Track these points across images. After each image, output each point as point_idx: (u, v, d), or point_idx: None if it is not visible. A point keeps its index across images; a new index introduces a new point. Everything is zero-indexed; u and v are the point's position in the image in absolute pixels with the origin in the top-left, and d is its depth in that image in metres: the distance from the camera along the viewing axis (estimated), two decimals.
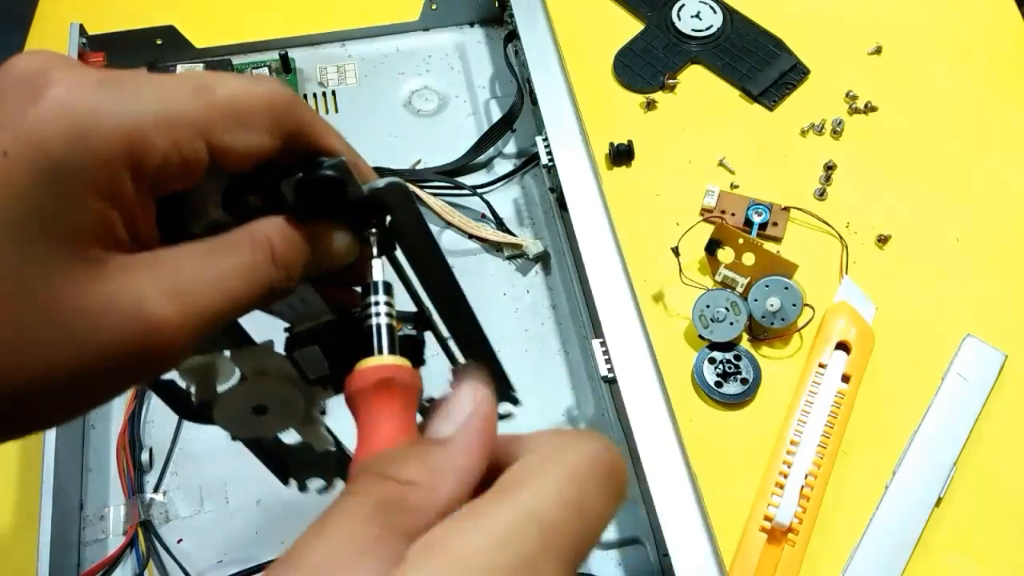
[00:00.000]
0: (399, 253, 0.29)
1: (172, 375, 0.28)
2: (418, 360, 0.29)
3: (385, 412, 0.25)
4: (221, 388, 0.28)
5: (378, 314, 0.27)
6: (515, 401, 0.33)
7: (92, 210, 0.19)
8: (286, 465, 0.33)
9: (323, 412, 0.31)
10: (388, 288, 0.28)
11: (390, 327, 0.28)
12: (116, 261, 0.20)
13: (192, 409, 0.29)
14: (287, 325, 0.28)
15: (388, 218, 0.27)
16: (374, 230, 0.27)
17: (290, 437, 0.32)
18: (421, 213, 0.28)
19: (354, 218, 0.26)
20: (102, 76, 0.20)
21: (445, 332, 0.31)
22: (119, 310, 0.19)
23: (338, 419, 0.30)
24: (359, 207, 0.26)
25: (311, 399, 0.29)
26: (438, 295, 0.31)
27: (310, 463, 0.33)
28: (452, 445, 0.20)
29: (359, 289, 0.27)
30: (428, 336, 0.30)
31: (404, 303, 0.29)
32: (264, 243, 0.23)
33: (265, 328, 0.28)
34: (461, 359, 0.32)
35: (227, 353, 0.28)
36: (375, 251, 0.27)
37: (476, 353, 0.32)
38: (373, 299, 0.27)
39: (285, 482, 0.33)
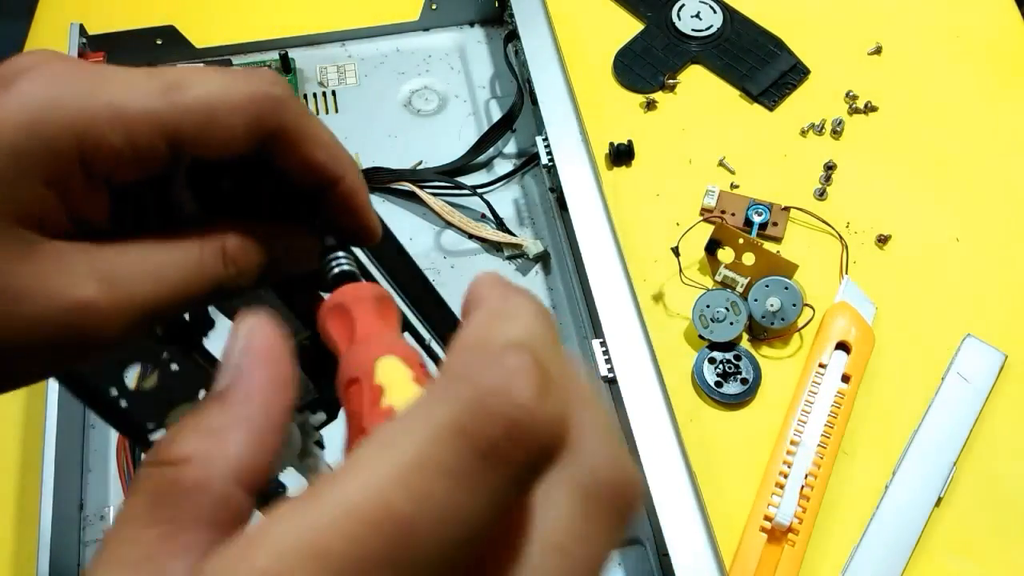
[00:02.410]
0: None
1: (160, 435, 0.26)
2: None
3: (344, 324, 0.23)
4: None
5: (339, 263, 0.26)
6: None
7: (34, 196, 0.20)
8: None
9: (321, 444, 0.28)
10: (346, 247, 0.26)
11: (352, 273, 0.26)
12: (52, 246, 0.20)
13: None
14: None
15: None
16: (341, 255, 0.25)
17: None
18: (394, 237, 0.27)
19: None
20: (75, 70, 0.20)
21: (423, 333, 0.30)
22: (46, 291, 0.20)
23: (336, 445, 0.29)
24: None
25: (306, 429, 0.27)
26: (410, 291, 0.30)
27: None
28: (228, 397, 0.17)
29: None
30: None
31: None
32: (215, 242, 0.22)
33: None
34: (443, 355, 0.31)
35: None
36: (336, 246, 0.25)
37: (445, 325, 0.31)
38: (332, 256, 0.25)
39: None
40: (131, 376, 0.25)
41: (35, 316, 0.20)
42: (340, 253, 0.25)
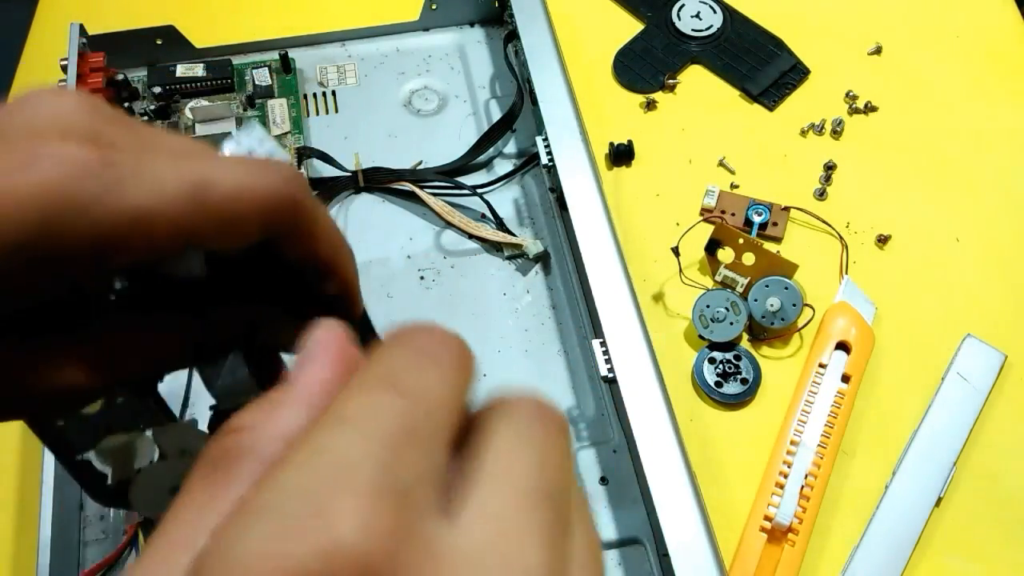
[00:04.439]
0: None
1: (90, 456, 0.25)
2: None
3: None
4: (139, 467, 0.25)
5: None
6: None
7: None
8: None
9: None
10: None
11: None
12: None
13: (107, 491, 0.26)
14: (212, 403, 0.25)
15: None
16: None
17: None
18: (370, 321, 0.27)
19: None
20: (100, 156, 0.18)
21: None
22: None
23: None
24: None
25: None
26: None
27: None
28: (292, 377, 0.18)
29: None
30: None
31: None
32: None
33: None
34: None
35: (148, 432, 0.26)
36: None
37: None
38: None
39: None
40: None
41: None
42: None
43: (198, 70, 0.62)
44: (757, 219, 0.58)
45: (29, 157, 0.17)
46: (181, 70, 0.62)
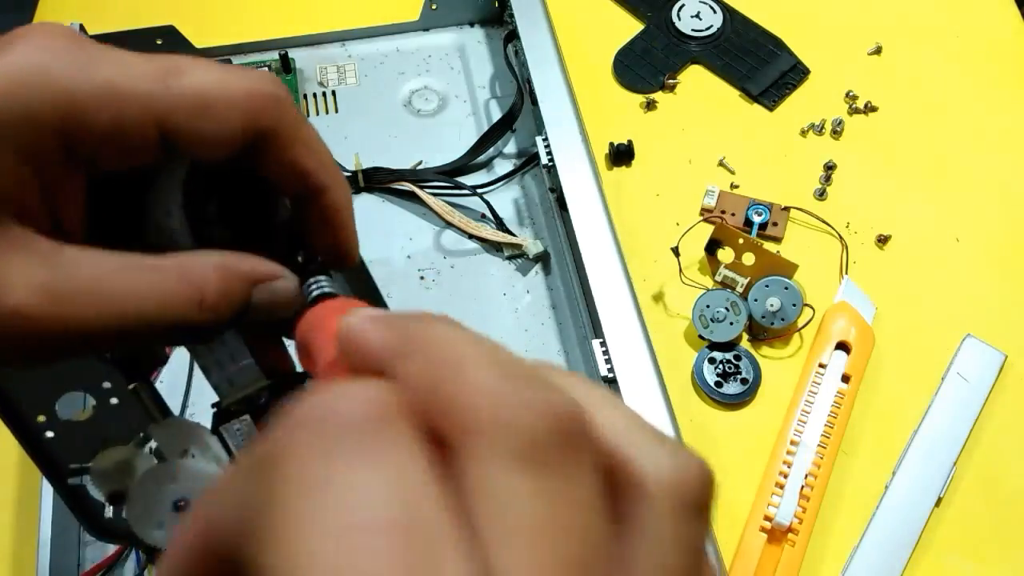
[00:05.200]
0: None
1: (86, 481, 0.23)
2: None
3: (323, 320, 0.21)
4: (137, 481, 0.23)
5: (320, 286, 0.24)
6: None
7: (5, 167, 0.18)
8: None
9: None
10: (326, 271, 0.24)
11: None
12: (12, 230, 0.19)
13: (102, 523, 0.24)
14: (215, 400, 0.24)
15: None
16: (323, 284, 0.23)
17: None
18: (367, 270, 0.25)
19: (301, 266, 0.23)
20: (72, 43, 0.19)
21: None
22: None
23: None
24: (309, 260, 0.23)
25: None
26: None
27: None
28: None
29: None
30: None
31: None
32: (193, 280, 0.20)
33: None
34: None
35: (144, 449, 0.24)
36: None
37: None
38: (313, 280, 0.24)
39: None
40: (65, 404, 0.22)
41: None
42: (321, 277, 0.23)
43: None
44: (757, 219, 0.58)
45: (11, 43, 0.19)
46: None
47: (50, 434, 0.22)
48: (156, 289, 0.19)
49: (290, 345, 0.25)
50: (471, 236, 0.57)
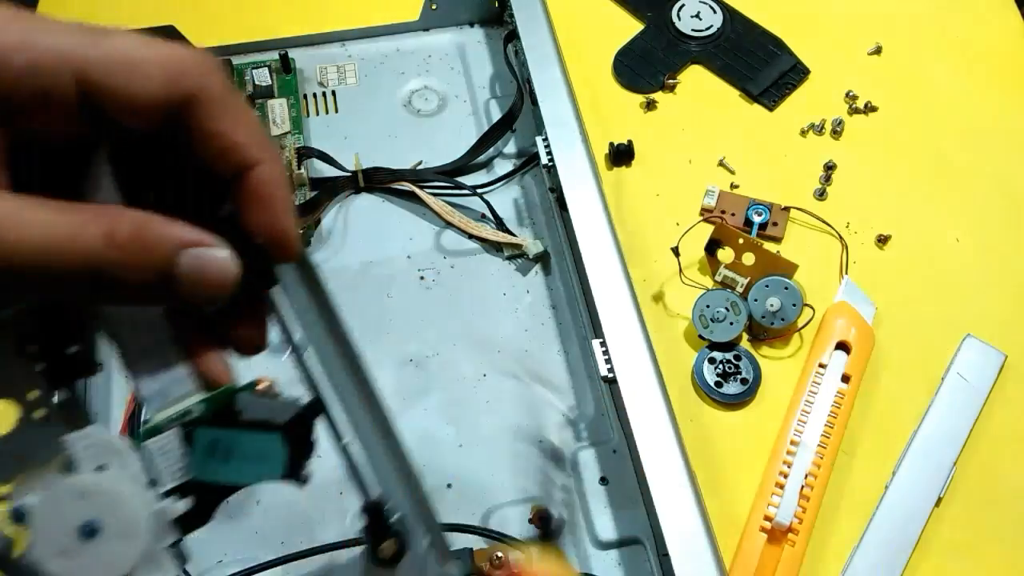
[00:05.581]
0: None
1: None
2: (308, 449, 0.23)
3: None
4: (39, 499, 0.20)
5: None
6: None
7: None
8: None
9: (177, 550, 0.22)
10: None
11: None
12: None
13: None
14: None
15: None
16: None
17: None
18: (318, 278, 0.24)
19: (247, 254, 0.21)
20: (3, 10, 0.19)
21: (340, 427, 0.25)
22: None
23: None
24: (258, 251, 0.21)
25: (161, 521, 0.21)
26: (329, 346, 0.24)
27: None
28: None
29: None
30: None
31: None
32: (108, 218, 0.19)
33: None
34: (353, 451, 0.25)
35: (47, 465, 0.21)
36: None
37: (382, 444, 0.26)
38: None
39: None
40: None
41: None
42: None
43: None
44: (757, 219, 0.58)
45: None
46: None
47: None
48: (66, 218, 0.19)
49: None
50: (471, 236, 0.57)
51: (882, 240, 0.58)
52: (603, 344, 0.47)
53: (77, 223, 0.19)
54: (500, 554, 0.43)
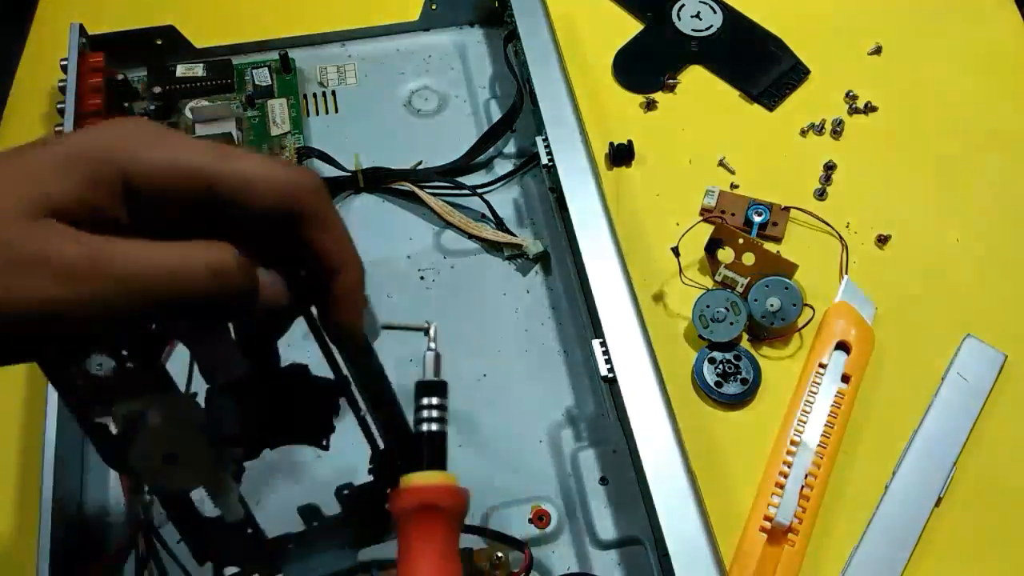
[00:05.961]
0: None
1: (107, 420, 0.28)
2: (329, 425, 0.30)
3: (426, 537, 0.27)
4: (142, 432, 0.28)
5: (430, 419, 0.29)
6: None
7: (68, 190, 0.23)
8: (203, 542, 0.32)
9: (237, 480, 0.30)
10: (442, 389, 0.30)
11: (441, 436, 0.30)
12: (59, 225, 0.23)
13: (114, 455, 0.29)
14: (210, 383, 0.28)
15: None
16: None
17: (210, 511, 0.31)
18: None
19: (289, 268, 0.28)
20: (144, 125, 0.25)
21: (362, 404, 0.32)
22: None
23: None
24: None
25: (220, 458, 0.29)
26: (359, 369, 0.31)
27: (229, 545, 0.32)
28: None
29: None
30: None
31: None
32: (211, 251, 0.24)
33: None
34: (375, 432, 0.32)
35: (150, 401, 0.28)
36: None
37: (393, 431, 0.32)
38: (425, 400, 0.29)
39: (201, 562, 0.32)
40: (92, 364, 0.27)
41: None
42: (435, 401, 0.29)
43: (198, 70, 0.62)
44: (757, 219, 0.58)
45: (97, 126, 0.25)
46: (181, 70, 0.62)
47: (79, 382, 0.27)
48: (179, 250, 0.24)
49: None
50: (471, 236, 0.57)
51: (882, 240, 0.58)
52: (603, 344, 0.47)
53: (186, 253, 0.24)
54: (500, 554, 0.43)
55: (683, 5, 0.70)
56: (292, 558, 0.35)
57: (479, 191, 0.58)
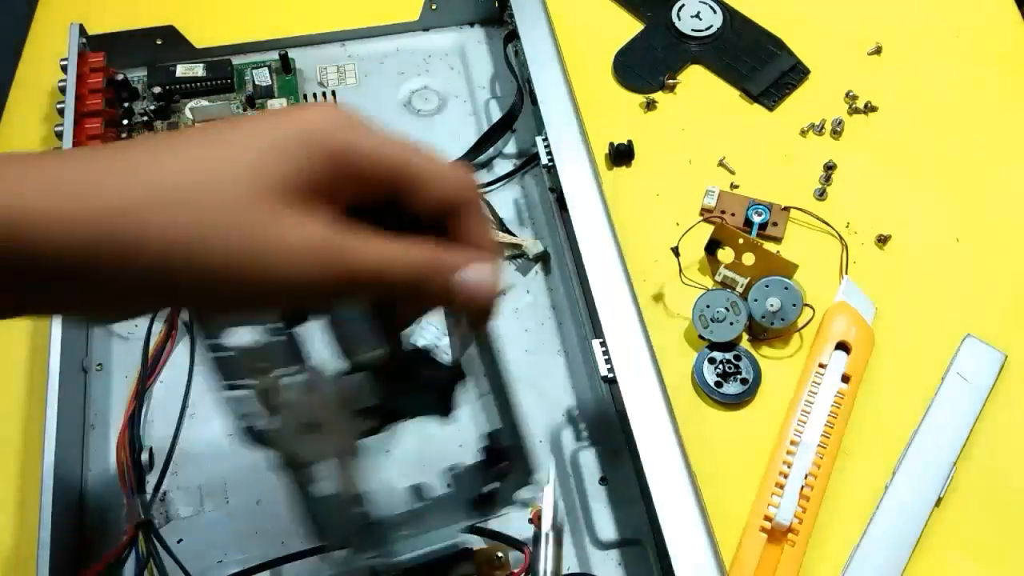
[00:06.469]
0: None
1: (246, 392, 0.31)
2: (448, 404, 0.33)
3: None
4: (283, 402, 0.30)
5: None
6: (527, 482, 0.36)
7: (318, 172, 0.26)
8: (323, 523, 0.34)
9: (357, 447, 0.32)
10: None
11: None
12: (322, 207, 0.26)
13: (253, 431, 0.31)
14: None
15: None
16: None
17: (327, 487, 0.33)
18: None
19: None
20: (350, 116, 0.28)
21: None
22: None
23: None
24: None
25: (353, 429, 0.32)
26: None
27: (346, 526, 0.34)
28: None
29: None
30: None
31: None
32: (423, 245, 0.28)
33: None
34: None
35: (288, 372, 0.30)
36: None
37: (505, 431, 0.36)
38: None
39: (321, 540, 0.33)
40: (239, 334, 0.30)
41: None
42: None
43: (198, 70, 0.62)
44: (757, 219, 0.58)
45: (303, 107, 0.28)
46: (181, 70, 0.62)
47: (225, 353, 0.29)
48: (400, 245, 0.27)
49: None
50: None
51: (882, 240, 0.58)
52: (603, 344, 0.47)
53: (407, 248, 0.27)
54: (500, 554, 0.43)
55: (683, 5, 0.70)
56: (400, 537, 0.36)
57: (479, 191, 0.58)
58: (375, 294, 0.28)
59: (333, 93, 0.64)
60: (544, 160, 0.55)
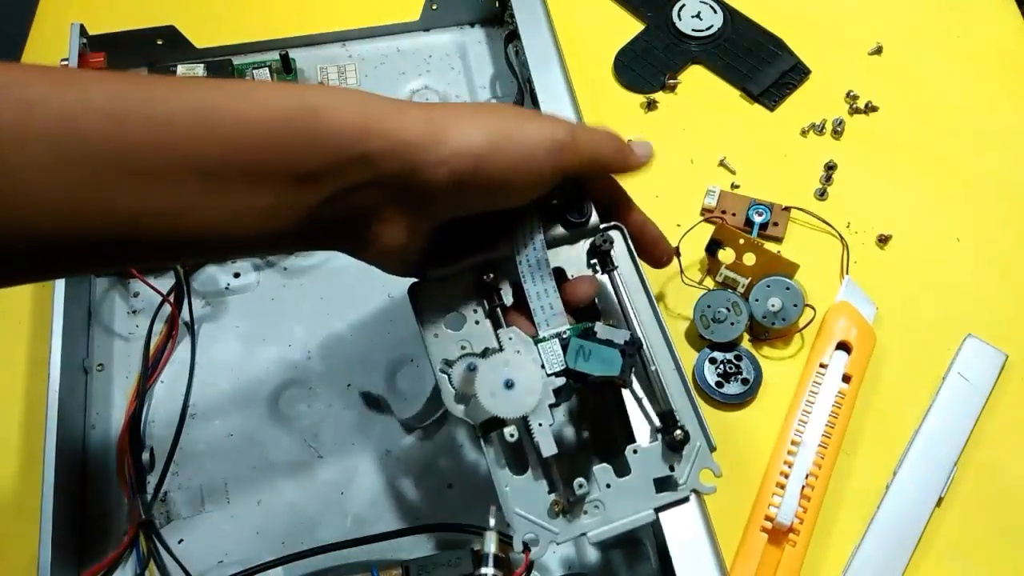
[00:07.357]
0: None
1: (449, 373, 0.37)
2: (626, 372, 0.37)
3: None
4: (483, 363, 0.36)
5: None
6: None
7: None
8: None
9: (550, 409, 0.36)
10: None
11: None
12: None
13: (452, 402, 0.37)
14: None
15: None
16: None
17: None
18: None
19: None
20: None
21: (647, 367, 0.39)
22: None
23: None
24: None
25: (547, 391, 0.36)
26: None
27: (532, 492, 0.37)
28: None
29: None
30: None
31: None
32: (614, 135, 0.40)
33: None
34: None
35: (499, 333, 0.37)
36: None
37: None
38: None
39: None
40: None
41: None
42: None
43: (198, 70, 0.62)
44: (758, 219, 0.58)
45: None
46: (181, 70, 0.62)
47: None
48: (604, 133, 0.39)
49: None
50: None
51: (883, 240, 0.58)
52: None
53: (610, 135, 0.39)
54: (501, 554, 0.43)
55: (683, 5, 0.70)
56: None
57: None
58: (591, 168, 0.38)
59: None
60: None
